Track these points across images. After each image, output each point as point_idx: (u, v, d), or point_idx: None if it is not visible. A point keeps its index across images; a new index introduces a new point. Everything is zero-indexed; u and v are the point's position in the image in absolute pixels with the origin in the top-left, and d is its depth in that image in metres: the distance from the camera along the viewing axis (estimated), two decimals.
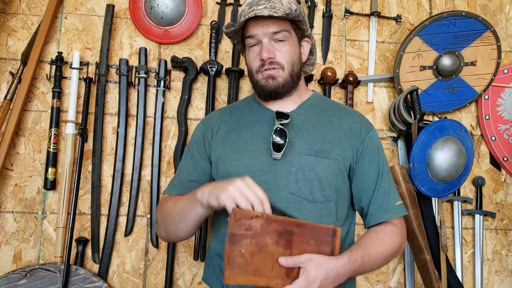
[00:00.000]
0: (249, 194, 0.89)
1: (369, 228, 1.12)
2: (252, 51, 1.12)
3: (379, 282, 1.80)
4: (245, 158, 1.09)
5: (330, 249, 0.91)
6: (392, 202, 1.11)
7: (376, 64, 1.88)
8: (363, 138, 1.13)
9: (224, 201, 0.89)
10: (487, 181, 1.90)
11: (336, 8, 1.89)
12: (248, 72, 1.17)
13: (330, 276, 0.88)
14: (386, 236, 1.06)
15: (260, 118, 1.16)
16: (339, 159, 1.09)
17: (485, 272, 1.87)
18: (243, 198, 0.88)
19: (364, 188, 1.12)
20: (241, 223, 0.85)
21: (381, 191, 1.11)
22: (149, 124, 1.73)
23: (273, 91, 1.12)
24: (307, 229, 0.89)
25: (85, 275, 1.57)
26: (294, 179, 1.05)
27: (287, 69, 1.11)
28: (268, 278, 0.86)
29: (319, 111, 1.18)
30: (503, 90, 1.91)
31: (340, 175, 1.09)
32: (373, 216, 1.10)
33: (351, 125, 1.15)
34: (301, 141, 1.09)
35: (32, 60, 1.62)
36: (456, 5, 1.94)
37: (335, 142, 1.11)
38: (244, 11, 1.11)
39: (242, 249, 0.84)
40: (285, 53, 1.10)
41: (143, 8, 1.73)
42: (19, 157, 1.67)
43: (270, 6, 1.06)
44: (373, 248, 1.02)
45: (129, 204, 1.67)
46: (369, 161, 1.12)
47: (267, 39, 1.09)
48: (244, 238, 0.84)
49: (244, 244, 0.84)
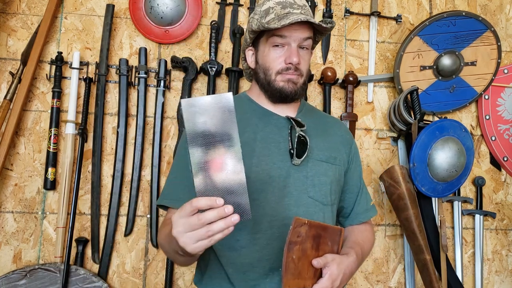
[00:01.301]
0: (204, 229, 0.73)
1: (349, 226, 1.20)
2: (275, 51, 1.10)
3: (379, 282, 1.80)
4: (262, 163, 1.07)
5: (337, 247, 0.98)
6: (369, 202, 1.23)
7: (376, 64, 1.88)
8: (351, 145, 1.22)
9: (195, 250, 0.75)
10: (487, 181, 1.90)
11: (336, 8, 1.89)
12: (263, 69, 1.13)
13: (346, 273, 0.95)
14: (369, 234, 1.20)
15: (268, 122, 1.14)
16: (340, 165, 1.15)
17: (485, 272, 1.87)
18: (204, 234, 0.73)
19: (349, 190, 1.20)
20: (297, 230, 0.90)
21: (363, 193, 1.22)
22: (149, 124, 1.73)
23: (290, 95, 1.12)
24: (328, 231, 0.95)
25: (85, 275, 1.57)
26: (311, 183, 1.09)
27: (304, 78, 1.13)
28: (305, 279, 0.92)
29: (314, 118, 1.20)
30: (503, 90, 1.91)
31: (340, 179, 1.16)
32: (358, 216, 1.20)
33: (342, 133, 1.22)
34: (315, 148, 1.12)
35: (32, 60, 1.62)
36: (456, 5, 1.94)
37: (336, 149, 1.16)
38: (274, 9, 1.09)
39: (294, 255, 0.90)
40: (306, 61, 1.13)
41: (143, 8, 1.73)
42: (19, 157, 1.67)
43: (304, 12, 1.09)
44: (365, 245, 1.13)
45: (129, 204, 1.67)
46: (355, 167, 1.21)
47: (296, 44, 1.09)
48: (295, 244, 0.90)
49: (295, 250, 0.90)
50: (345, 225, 1.22)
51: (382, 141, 1.87)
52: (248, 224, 1.03)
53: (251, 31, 1.13)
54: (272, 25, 1.05)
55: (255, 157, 1.07)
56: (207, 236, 0.73)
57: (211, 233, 0.72)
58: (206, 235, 0.72)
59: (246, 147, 1.09)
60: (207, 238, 0.73)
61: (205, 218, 0.72)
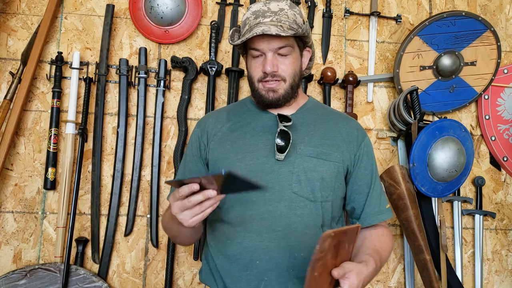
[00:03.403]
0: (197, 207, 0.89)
1: (364, 229, 1.17)
2: (255, 60, 1.14)
3: (379, 282, 1.80)
4: (247, 158, 1.11)
5: (352, 246, 0.95)
6: (383, 205, 1.19)
7: (376, 64, 1.88)
8: (360, 144, 1.18)
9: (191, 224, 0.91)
10: (487, 181, 1.90)
11: (336, 8, 1.89)
12: (248, 77, 1.19)
13: (365, 282, 0.95)
14: (388, 240, 1.16)
15: (259, 120, 1.18)
16: (338, 162, 1.13)
17: (485, 272, 1.87)
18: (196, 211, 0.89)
19: (359, 191, 1.17)
20: (322, 247, 0.85)
21: (375, 195, 1.18)
22: (149, 124, 1.74)
23: (273, 103, 1.15)
24: (347, 234, 0.92)
25: (85, 275, 1.57)
26: (297, 179, 1.08)
27: (288, 81, 1.14)
28: None
29: (316, 115, 1.21)
30: (503, 90, 1.91)
31: (338, 177, 1.13)
32: (368, 218, 1.16)
33: (348, 130, 1.19)
34: (303, 143, 1.12)
35: (32, 60, 1.62)
36: (456, 5, 1.94)
37: (334, 145, 1.14)
38: (249, 20, 1.13)
39: (316, 272, 0.86)
40: (288, 66, 1.13)
41: (143, 8, 1.73)
42: (19, 157, 1.67)
43: (276, 19, 1.09)
44: (383, 252, 1.10)
45: (129, 204, 1.68)
46: (365, 166, 1.18)
47: (271, 53, 1.11)
48: (319, 260, 0.86)
49: (317, 267, 0.86)
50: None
51: (382, 141, 1.87)
52: (231, 218, 1.10)
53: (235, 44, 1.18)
54: (242, 38, 1.10)
55: (240, 153, 1.12)
56: (199, 212, 0.89)
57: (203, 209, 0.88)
58: (199, 212, 0.89)
59: (235, 144, 1.15)
60: (200, 214, 0.89)
61: (194, 200, 0.87)
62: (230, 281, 1.08)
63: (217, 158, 1.15)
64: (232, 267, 1.08)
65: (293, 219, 1.06)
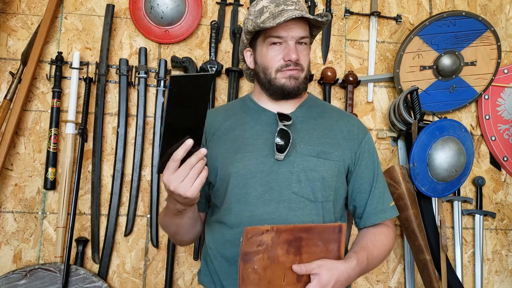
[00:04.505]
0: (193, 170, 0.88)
1: (364, 228, 1.15)
2: (274, 49, 1.11)
3: (379, 282, 1.80)
4: (245, 159, 1.09)
5: (336, 245, 0.92)
6: (387, 203, 1.15)
7: (376, 64, 1.88)
8: (361, 141, 1.15)
9: (194, 192, 0.89)
10: (487, 181, 1.90)
11: (336, 8, 1.89)
12: (261, 69, 1.14)
13: (341, 279, 0.91)
14: (384, 238, 1.12)
15: (258, 119, 1.16)
16: (339, 161, 1.10)
17: (485, 272, 1.87)
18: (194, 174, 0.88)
19: (360, 189, 1.14)
20: (253, 240, 0.83)
21: (377, 193, 1.14)
22: (149, 124, 1.73)
23: (293, 91, 1.12)
24: (314, 231, 0.89)
25: (85, 275, 1.57)
26: (297, 179, 1.06)
27: (305, 71, 1.14)
28: (283, 286, 0.87)
29: (316, 113, 1.19)
30: (503, 90, 1.91)
31: (340, 176, 1.11)
32: (370, 217, 1.13)
33: (349, 127, 1.16)
34: (303, 142, 1.10)
35: (32, 60, 1.62)
36: (456, 5, 1.94)
37: (334, 144, 1.12)
38: (268, 8, 1.10)
39: (255, 265, 0.84)
40: (305, 56, 1.13)
41: (143, 8, 1.73)
42: (19, 157, 1.67)
43: (299, 7, 1.10)
44: (374, 250, 1.07)
45: (129, 204, 1.68)
46: (366, 164, 1.15)
47: (294, 42, 1.10)
48: (256, 254, 0.84)
49: (256, 260, 0.84)
50: (360, 227, 1.16)
51: (382, 141, 1.87)
52: (230, 219, 1.07)
53: (247, 32, 1.14)
54: (268, 24, 1.06)
55: (239, 153, 1.10)
56: (196, 175, 0.87)
57: (198, 171, 0.87)
58: (196, 174, 0.87)
59: (234, 144, 1.12)
60: (197, 178, 0.87)
61: (190, 162, 0.86)
62: (228, 283, 1.06)
63: (216, 157, 1.14)
64: (230, 269, 1.06)
65: (292, 221, 1.04)
